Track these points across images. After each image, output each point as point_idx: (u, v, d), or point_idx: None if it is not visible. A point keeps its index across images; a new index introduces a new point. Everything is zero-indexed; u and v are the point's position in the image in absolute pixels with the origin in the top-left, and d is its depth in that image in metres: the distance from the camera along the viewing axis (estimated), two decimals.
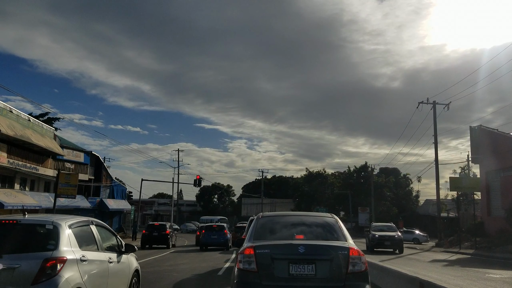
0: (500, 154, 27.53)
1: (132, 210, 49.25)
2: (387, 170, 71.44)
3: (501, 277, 13.51)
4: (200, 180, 45.72)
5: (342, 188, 72.25)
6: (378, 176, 70.36)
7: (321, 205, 66.42)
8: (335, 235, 6.21)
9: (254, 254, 5.58)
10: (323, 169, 79.80)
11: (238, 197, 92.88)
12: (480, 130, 32.04)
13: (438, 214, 36.36)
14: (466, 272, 15.16)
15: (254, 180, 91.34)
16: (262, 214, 7.07)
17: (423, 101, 35.59)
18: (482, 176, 31.64)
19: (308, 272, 5.49)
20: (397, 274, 8.69)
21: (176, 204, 64.35)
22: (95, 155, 46.07)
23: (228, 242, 26.85)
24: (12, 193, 28.78)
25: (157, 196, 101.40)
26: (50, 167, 34.41)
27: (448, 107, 34.79)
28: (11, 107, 29.45)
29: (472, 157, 34.96)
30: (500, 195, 28.64)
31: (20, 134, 28.34)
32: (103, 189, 47.26)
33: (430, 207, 59.85)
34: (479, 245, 26.47)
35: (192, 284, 11.37)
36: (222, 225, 29.84)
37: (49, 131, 34.92)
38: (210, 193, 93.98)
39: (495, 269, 15.82)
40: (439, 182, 36.02)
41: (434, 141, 35.41)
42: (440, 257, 23.43)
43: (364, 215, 66.58)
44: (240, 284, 5.60)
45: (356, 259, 5.57)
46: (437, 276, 12.31)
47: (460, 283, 11.64)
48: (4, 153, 27.77)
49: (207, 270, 14.35)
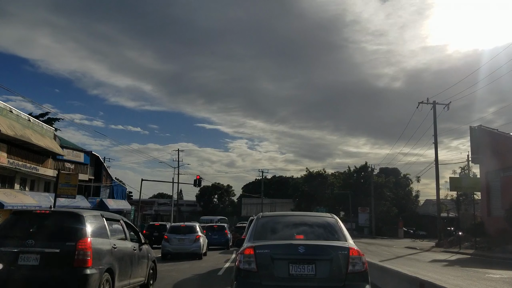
0: (500, 154, 27.51)
1: (132, 210, 49.28)
2: (387, 170, 71.46)
3: (501, 277, 13.51)
4: (200, 180, 45.72)
5: (342, 188, 72.23)
6: (378, 176, 70.38)
7: (321, 205, 66.39)
8: (335, 235, 6.22)
9: (254, 254, 5.58)
10: (323, 169, 79.92)
11: (238, 197, 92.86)
12: (480, 130, 32.01)
13: (438, 214, 36.36)
14: (466, 272, 15.16)
15: (254, 180, 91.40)
16: (262, 214, 7.08)
17: (423, 101, 35.60)
18: (482, 176, 31.61)
19: (308, 272, 5.49)
20: (397, 274, 8.68)
21: (176, 204, 64.27)
22: (95, 155, 46.07)
23: (228, 242, 26.91)
24: (12, 193, 28.79)
25: (157, 196, 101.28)
26: (50, 167, 34.41)
27: (448, 107, 34.81)
28: (11, 107, 29.47)
29: (472, 157, 34.93)
30: (500, 195, 28.61)
31: (20, 134, 28.34)
32: (103, 189, 47.27)
33: (430, 207, 59.91)
34: (479, 245, 26.47)
35: (192, 284, 11.38)
36: (222, 225, 29.89)
37: (49, 131, 34.92)
38: (210, 193, 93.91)
39: (495, 269, 15.81)
40: (439, 182, 36.08)
41: (434, 141, 35.42)
42: (440, 257, 23.43)
43: (364, 215, 66.60)
44: (240, 284, 5.60)
45: (356, 259, 5.57)
46: (437, 276, 12.31)
47: (460, 283, 11.64)
48: (4, 153, 27.78)
49: (207, 270, 14.35)
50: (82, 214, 7.29)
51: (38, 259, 6.50)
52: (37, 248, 6.54)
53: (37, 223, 7.26)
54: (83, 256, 6.55)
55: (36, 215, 7.65)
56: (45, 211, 7.84)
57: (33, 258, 6.51)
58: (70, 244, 6.61)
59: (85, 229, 6.93)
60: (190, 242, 19.03)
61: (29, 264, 6.45)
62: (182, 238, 19.17)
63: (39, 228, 7.08)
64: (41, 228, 7.09)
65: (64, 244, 6.62)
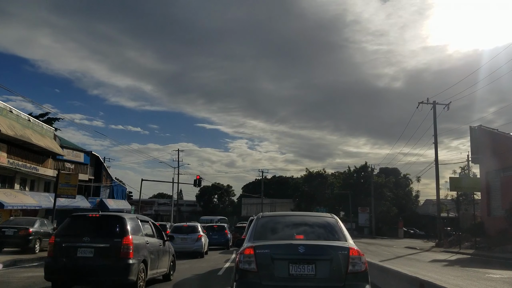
0: (500, 154, 27.50)
1: (132, 210, 49.23)
2: (387, 170, 71.44)
3: (501, 277, 13.51)
4: (200, 180, 45.71)
5: (342, 188, 72.23)
6: (378, 176, 70.37)
7: (321, 205, 66.38)
8: (335, 235, 6.21)
9: (254, 254, 5.58)
10: (323, 169, 79.92)
11: (238, 197, 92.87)
12: (480, 130, 31.99)
13: (438, 214, 36.36)
14: (466, 272, 15.16)
15: (254, 180, 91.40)
16: (262, 214, 7.08)
17: (423, 101, 35.59)
18: (482, 176, 31.60)
19: (308, 272, 5.49)
20: (397, 274, 8.68)
21: (176, 204, 64.28)
22: (95, 155, 46.07)
23: (228, 242, 26.95)
24: (12, 193, 28.79)
25: (157, 196, 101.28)
26: (50, 167, 34.41)
27: (448, 107, 34.79)
28: (11, 107, 29.46)
29: (472, 157, 34.93)
30: (500, 195, 28.60)
31: (20, 134, 28.34)
32: (103, 189, 47.27)
33: (430, 207, 59.89)
34: (479, 245, 26.48)
35: (192, 284, 11.38)
36: (222, 225, 29.92)
37: (49, 131, 34.92)
38: (210, 193, 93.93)
39: (495, 269, 15.82)
40: (439, 182, 36.06)
41: (434, 141, 35.42)
42: (440, 257, 23.43)
43: (364, 215, 66.61)
44: (240, 284, 5.60)
45: (356, 259, 5.57)
46: (437, 276, 12.31)
47: (460, 283, 11.64)
48: (4, 153, 27.79)
49: (207, 270, 14.34)
50: (124, 217, 9.15)
51: (92, 252, 8.39)
52: (91, 244, 8.44)
53: (90, 224, 9.09)
54: (126, 250, 8.40)
55: (89, 218, 9.44)
56: (95, 215, 9.55)
57: (89, 251, 8.41)
58: (117, 240, 8.46)
59: (127, 228, 8.73)
60: (193, 242, 19.65)
61: (86, 256, 8.37)
62: (185, 238, 19.66)
63: (92, 228, 8.87)
64: (93, 228, 8.90)
65: (113, 240, 8.49)
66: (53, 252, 8.61)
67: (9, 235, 18.20)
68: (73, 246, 8.44)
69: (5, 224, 20.02)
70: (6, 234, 18.24)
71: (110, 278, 8.43)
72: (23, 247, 18.24)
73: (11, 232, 18.32)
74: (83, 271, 8.32)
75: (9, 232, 18.34)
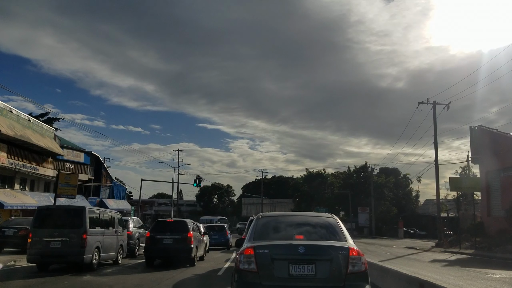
0: (500, 154, 27.49)
1: (132, 210, 49.25)
2: (387, 170, 71.37)
3: (501, 277, 13.51)
4: (200, 179, 45.68)
5: (342, 188, 72.20)
6: (378, 176, 70.31)
7: (321, 205, 66.31)
8: (335, 235, 6.21)
9: (254, 254, 5.58)
10: (323, 169, 79.88)
11: (238, 197, 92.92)
12: (480, 130, 31.98)
13: (438, 214, 36.35)
14: (466, 272, 15.16)
15: (254, 180, 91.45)
16: (262, 214, 7.08)
17: (423, 101, 35.55)
18: (482, 176, 31.58)
19: (308, 272, 5.49)
20: (397, 274, 8.68)
21: (176, 204, 64.26)
22: (95, 155, 46.07)
23: (228, 242, 27.00)
24: (12, 193, 28.79)
25: (157, 196, 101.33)
26: (50, 167, 34.41)
27: (448, 107, 34.73)
28: (11, 107, 29.47)
29: (472, 157, 34.93)
30: (500, 195, 28.59)
31: (20, 134, 28.34)
32: (103, 189, 47.27)
33: (430, 207, 59.88)
34: (479, 245, 26.46)
35: (192, 284, 11.38)
36: (222, 225, 29.98)
37: (49, 131, 34.92)
38: (210, 193, 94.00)
39: (495, 269, 15.81)
40: (439, 182, 36.04)
41: (434, 141, 35.39)
42: (440, 257, 23.42)
43: (364, 215, 66.57)
44: (240, 284, 5.60)
45: (356, 259, 5.57)
46: (437, 276, 12.30)
47: (460, 283, 11.64)
48: (4, 153, 27.79)
49: (207, 270, 14.35)
50: (186, 220, 16.79)
51: (172, 240, 15.13)
52: (171, 236, 15.26)
53: (168, 224, 16.26)
54: (190, 239, 15.25)
55: (167, 221, 16.90)
56: (171, 219, 18.18)
57: (169, 240, 15.14)
58: (185, 234, 15.33)
59: (190, 227, 15.87)
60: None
61: (167, 243, 15.09)
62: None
63: (170, 227, 15.88)
64: (171, 227, 15.90)
65: (183, 234, 15.33)
66: (150, 240, 15.10)
67: (9, 235, 18.20)
68: (160, 238, 15.13)
69: (5, 224, 20.01)
70: (6, 234, 18.24)
71: (181, 255, 15.11)
72: (23, 247, 18.23)
73: (11, 232, 18.32)
74: (167, 251, 15.04)
75: (9, 232, 18.34)
